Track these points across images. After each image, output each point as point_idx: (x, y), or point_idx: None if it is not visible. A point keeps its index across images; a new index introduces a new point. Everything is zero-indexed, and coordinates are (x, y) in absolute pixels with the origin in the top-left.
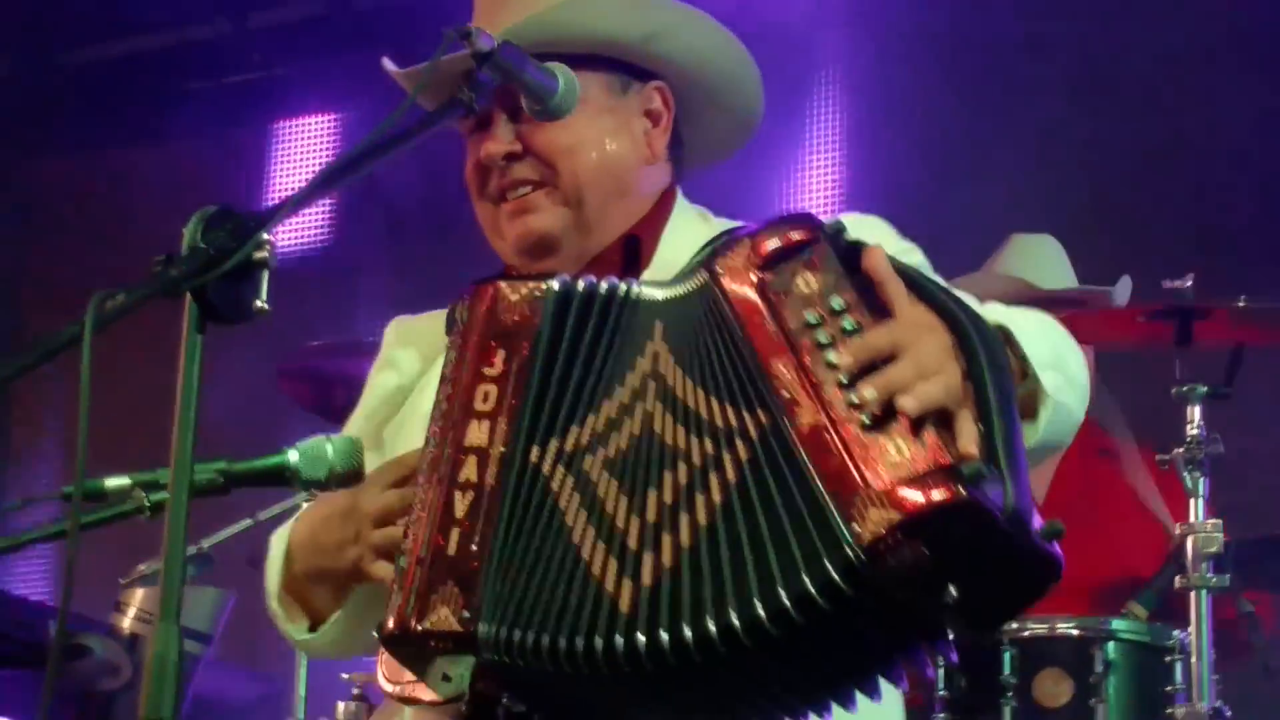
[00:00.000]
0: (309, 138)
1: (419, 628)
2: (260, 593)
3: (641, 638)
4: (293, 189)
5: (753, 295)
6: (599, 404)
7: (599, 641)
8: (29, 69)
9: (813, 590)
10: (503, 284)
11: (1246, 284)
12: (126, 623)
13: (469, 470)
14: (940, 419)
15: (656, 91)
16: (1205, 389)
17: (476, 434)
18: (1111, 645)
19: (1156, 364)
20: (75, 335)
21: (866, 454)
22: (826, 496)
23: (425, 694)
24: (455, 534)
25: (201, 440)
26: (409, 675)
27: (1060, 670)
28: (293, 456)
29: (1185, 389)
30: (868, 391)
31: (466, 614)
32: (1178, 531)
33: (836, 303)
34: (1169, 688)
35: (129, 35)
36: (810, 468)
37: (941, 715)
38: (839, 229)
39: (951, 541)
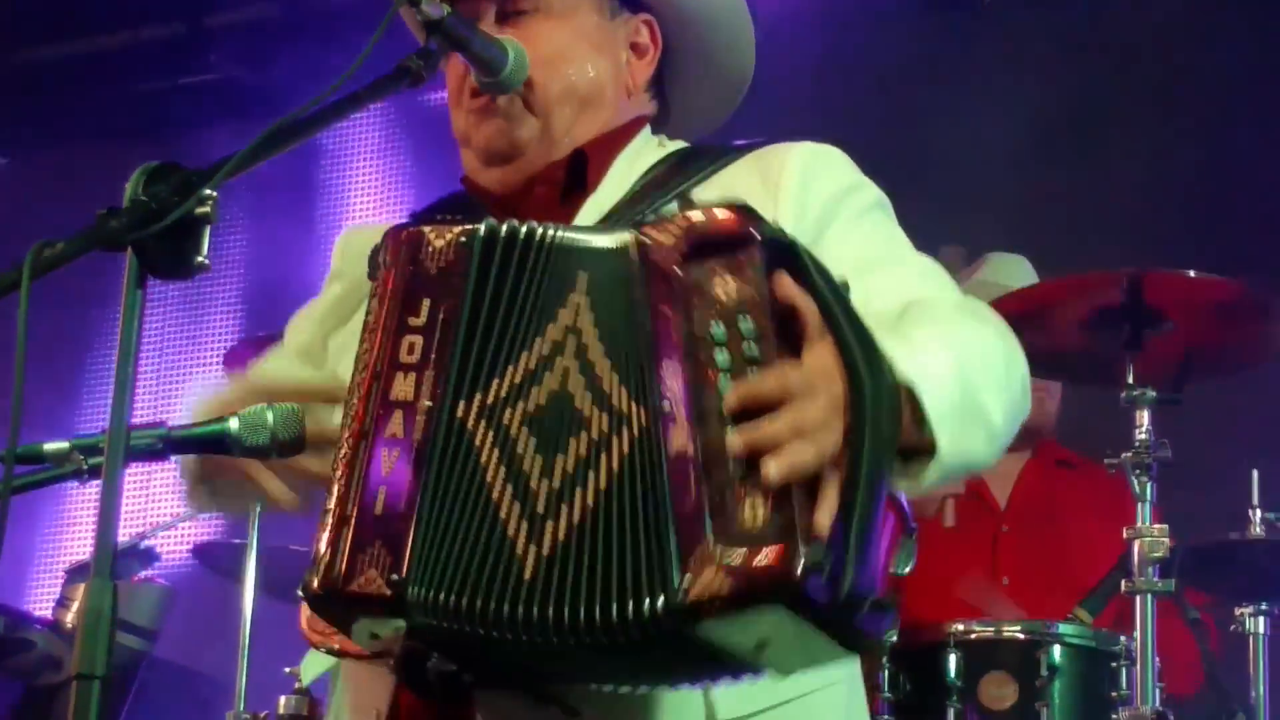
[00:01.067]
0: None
1: (347, 589)
2: (203, 591)
3: (535, 610)
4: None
5: (669, 282)
6: (519, 354)
7: (506, 608)
8: None
9: (630, 618)
10: (427, 229)
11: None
12: (70, 617)
13: (395, 425)
14: (807, 482)
15: (645, 25)
16: (1155, 394)
17: (402, 387)
18: (1057, 649)
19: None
20: (13, 281)
21: (721, 506)
22: (675, 532)
23: (351, 647)
24: (382, 493)
25: None
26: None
27: (1006, 673)
28: (233, 424)
29: (1135, 394)
30: (739, 441)
31: (395, 577)
32: (1125, 535)
33: (745, 324)
34: (1114, 692)
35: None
36: (669, 494)
37: (886, 717)
38: (777, 231)
39: (770, 614)
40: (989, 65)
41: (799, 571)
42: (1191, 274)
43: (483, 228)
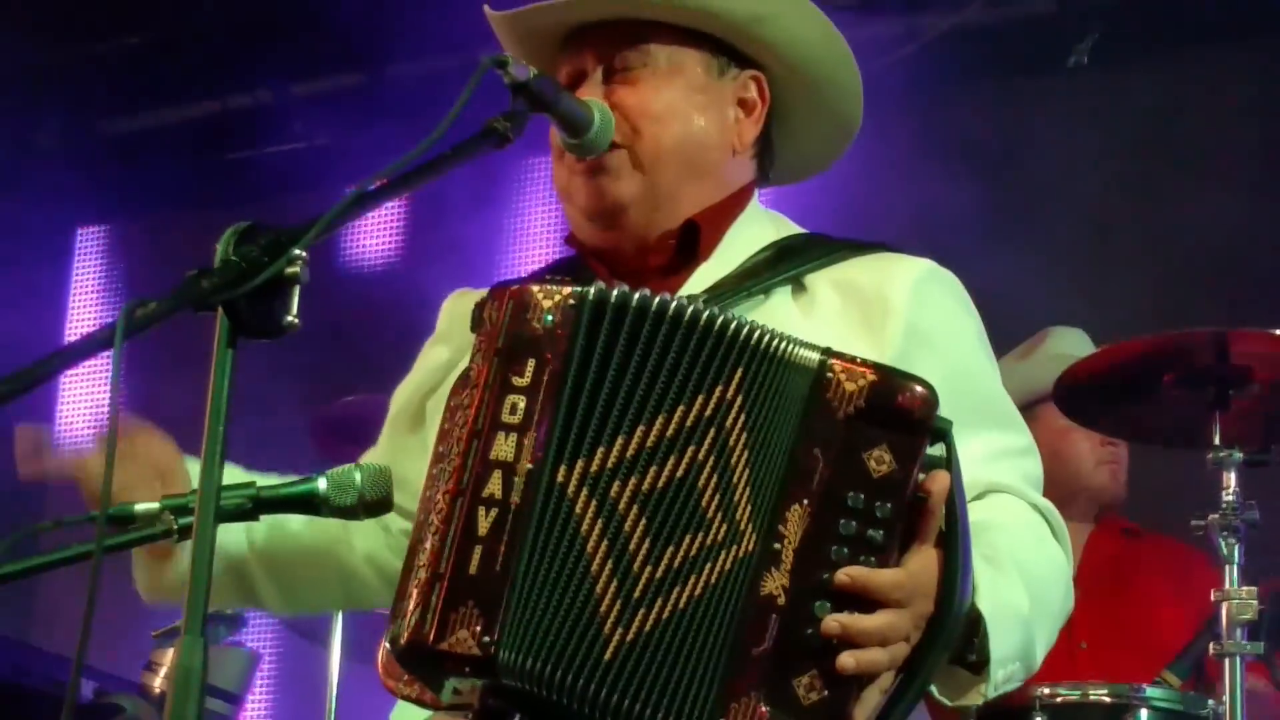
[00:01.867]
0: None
1: (437, 647)
2: (289, 655)
3: (605, 693)
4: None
5: (834, 429)
6: (633, 428)
7: (583, 684)
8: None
9: None
10: (535, 288)
11: None
12: (158, 682)
13: (494, 486)
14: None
15: (753, 80)
16: (1241, 455)
17: (503, 447)
18: (1145, 713)
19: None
20: (105, 340)
21: (785, 668)
22: (730, 672)
23: (428, 696)
24: (478, 552)
25: None
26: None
27: None
28: (321, 484)
29: (1222, 455)
30: (836, 625)
31: (487, 639)
32: (1213, 598)
33: (882, 508)
34: None
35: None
36: (742, 633)
37: None
38: (948, 426)
39: None
40: (1071, 121)
41: None
42: (1277, 332)
43: (592, 291)
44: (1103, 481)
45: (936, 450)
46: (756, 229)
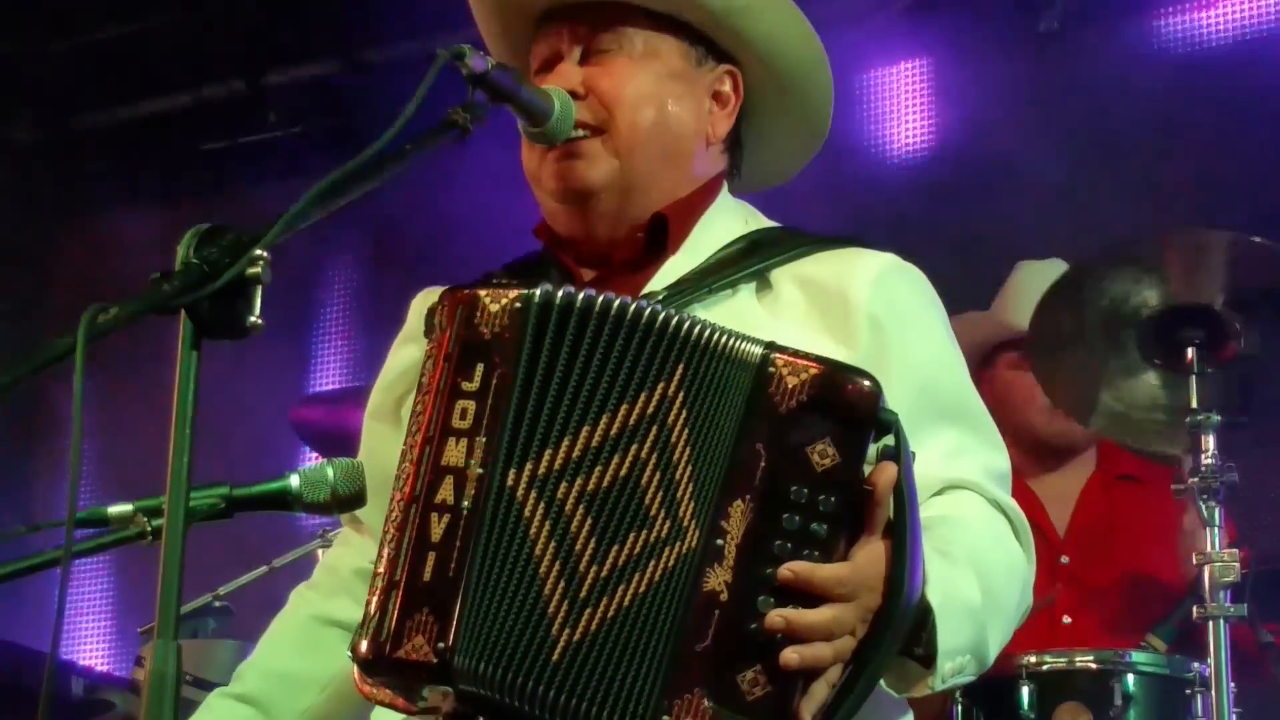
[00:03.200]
0: None
1: (394, 655)
2: None
3: (554, 694)
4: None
5: (777, 425)
6: (578, 428)
7: (532, 686)
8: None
9: None
10: (483, 293)
11: None
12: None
13: (445, 492)
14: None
15: (729, 75)
16: (1219, 417)
17: (454, 453)
18: (1131, 678)
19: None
20: (68, 348)
21: (729, 663)
22: (670, 666)
23: (400, 702)
24: (431, 559)
25: None
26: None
27: (1079, 704)
28: (294, 481)
29: (1200, 417)
30: (780, 620)
31: (442, 645)
32: (1194, 562)
33: (826, 502)
34: (1189, 719)
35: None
36: (685, 630)
37: None
38: (894, 418)
39: None
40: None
41: None
42: None
43: (538, 293)
44: (1057, 429)
45: (888, 442)
46: (726, 221)
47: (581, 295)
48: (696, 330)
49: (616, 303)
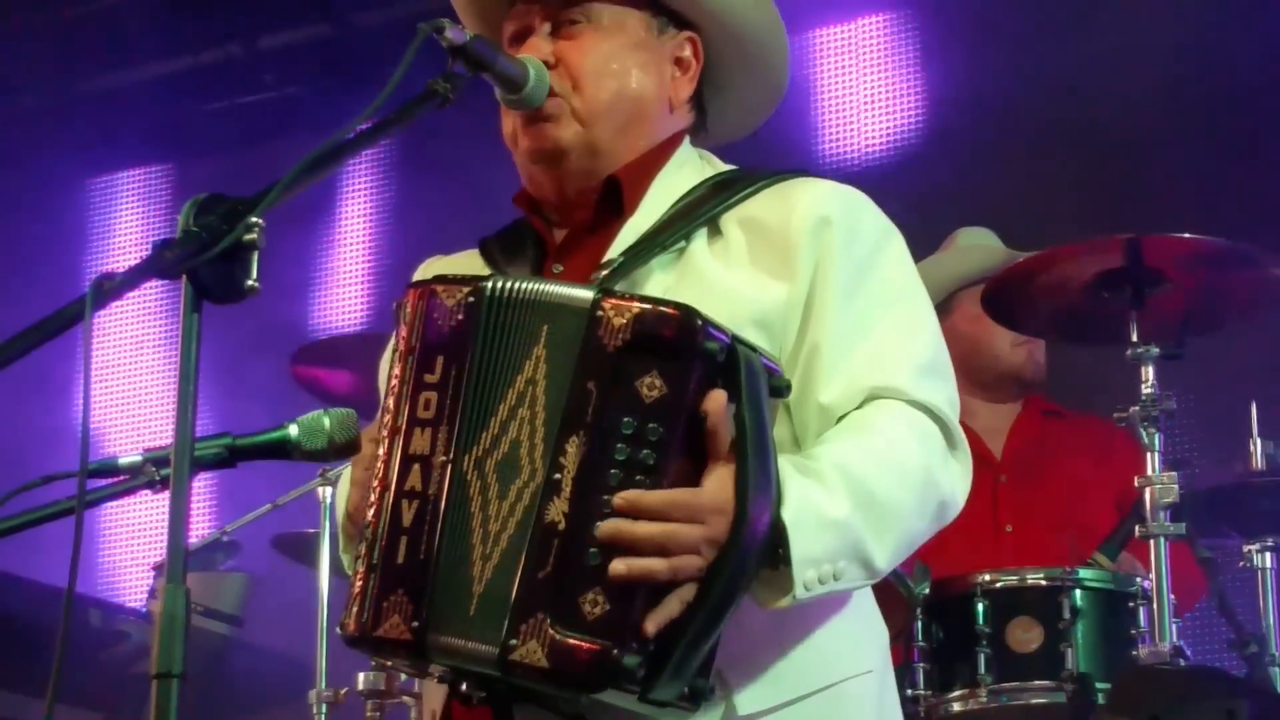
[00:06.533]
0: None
1: (374, 634)
2: (283, 577)
3: (470, 645)
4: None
5: (603, 361)
6: (497, 406)
7: (461, 642)
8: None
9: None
10: (439, 287)
11: None
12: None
13: (414, 480)
14: (656, 593)
15: (689, 41)
16: (1157, 350)
17: (420, 442)
18: (1078, 593)
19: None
20: (76, 314)
21: (569, 587)
22: (519, 593)
23: (413, 671)
24: (404, 543)
25: None
26: None
27: (1030, 618)
28: (293, 430)
29: (1140, 351)
30: (606, 528)
31: (415, 624)
32: (1136, 484)
33: (654, 431)
34: (1133, 630)
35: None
36: (533, 557)
37: (921, 664)
38: (717, 350)
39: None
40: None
41: (609, 671)
42: (1186, 236)
43: (489, 286)
44: (1020, 360)
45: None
46: (683, 175)
47: (507, 282)
48: (547, 291)
49: (533, 285)
